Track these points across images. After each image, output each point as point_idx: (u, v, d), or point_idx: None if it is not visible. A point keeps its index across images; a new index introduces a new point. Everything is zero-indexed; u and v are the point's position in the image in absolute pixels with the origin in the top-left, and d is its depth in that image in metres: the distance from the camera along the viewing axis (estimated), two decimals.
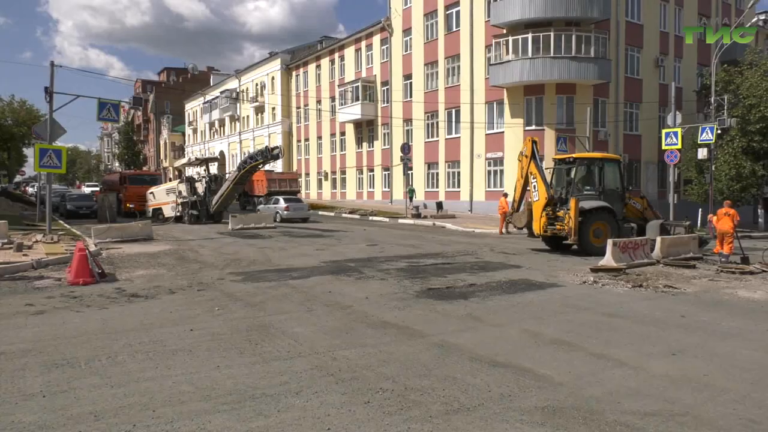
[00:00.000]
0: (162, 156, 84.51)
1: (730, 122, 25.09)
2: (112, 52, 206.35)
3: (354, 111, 42.13)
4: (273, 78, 54.83)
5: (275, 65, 54.32)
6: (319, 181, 50.65)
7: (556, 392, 5.26)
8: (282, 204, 28.65)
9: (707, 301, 10.06)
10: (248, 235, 20.92)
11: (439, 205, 32.50)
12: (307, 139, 52.19)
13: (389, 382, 5.47)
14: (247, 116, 59.89)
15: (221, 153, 62.33)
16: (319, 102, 48.71)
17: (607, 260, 13.55)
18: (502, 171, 31.13)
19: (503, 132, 30.96)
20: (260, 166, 27.10)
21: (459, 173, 34.48)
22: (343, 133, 46.46)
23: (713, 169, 25.26)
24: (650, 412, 4.82)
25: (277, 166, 42.47)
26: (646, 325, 8.09)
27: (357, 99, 41.96)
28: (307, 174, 51.95)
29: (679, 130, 22.57)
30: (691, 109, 31.42)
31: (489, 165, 32.26)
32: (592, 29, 28.46)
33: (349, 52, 45.21)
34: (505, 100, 30.70)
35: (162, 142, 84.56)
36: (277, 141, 51.31)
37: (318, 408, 4.82)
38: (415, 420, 4.59)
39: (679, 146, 22.80)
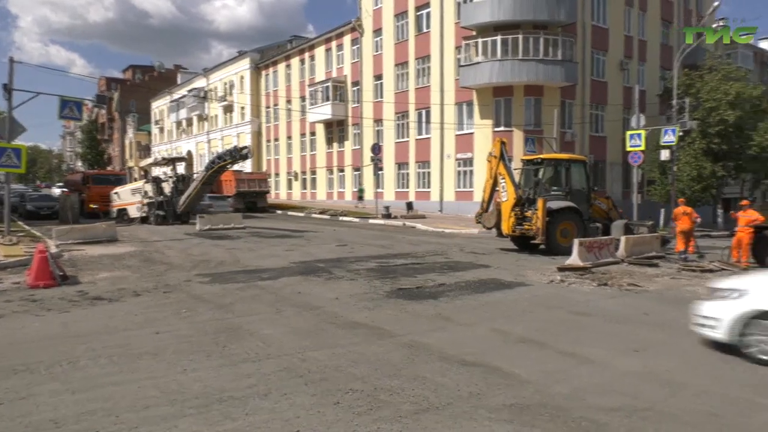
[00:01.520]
0: (127, 155, 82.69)
1: (691, 125, 25.82)
2: (74, 48, 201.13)
3: (324, 111, 41.95)
4: (242, 77, 54.19)
5: (244, 64, 53.70)
6: (289, 182, 50.27)
7: (524, 390, 5.33)
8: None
9: (669, 298, 10.33)
10: (216, 236, 20.62)
11: (410, 206, 32.60)
12: (276, 139, 51.74)
13: (359, 382, 5.46)
14: (216, 116, 59.04)
15: (189, 153, 61.29)
16: (289, 102, 48.35)
17: (574, 260, 13.79)
18: (471, 171, 31.40)
19: (473, 133, 31.24)
20: (229, 166, 26.73)
21: (429, 173, 34.65)
22: (313, 133, 46.22)
23: (675, 170, 25.96)
24: (615, 408, 4.92)
25: (246, 166, 41.96)
26: (611, 323, 8.27)
27: (327, 99, 41.78)
28: (277, 174, 51.50)
29: (642, 132, 23.13)
30: (654, 112, 32.22)
31: (459, 165, 32.51)
32: (559, 32, 28.94)
33: (320, 52, 45.01)
34: (475, 101, 30.98)
35: (127, 142, 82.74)
36: (246, 141, 50.70)
37: (287, 410, 4.78)
38: (385, 420, 4.59)
39: (643, 148, 23.37)
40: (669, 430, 4.51)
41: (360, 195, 39.22)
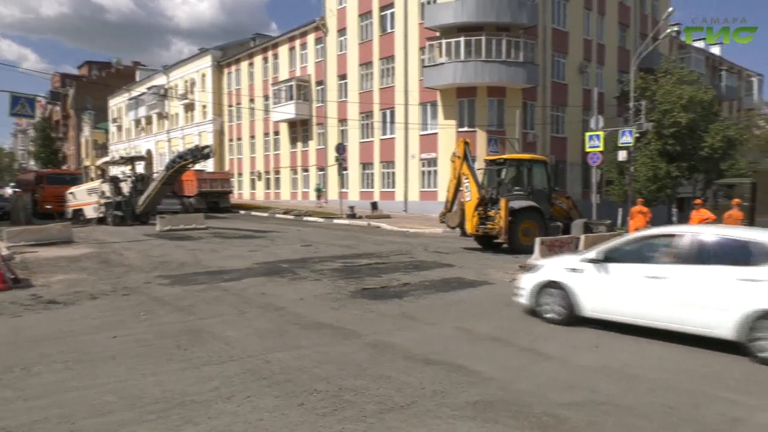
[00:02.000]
0: (83, 154, 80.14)
1: (646, 126, 26.61)
2: (25, 43, 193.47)
3: (288, 110, 41.57)
4: (203, 75, 53.23)
5: (206, 62, 52.76)
6: (253, 181, 49.65)
7: (487, 387, 5.40)
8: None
9: None
10: (177, 237, 20.20)
11: (374, 205, 32.63)
12: (239, 139, 51.03)
13: (324, 383, 5.44)
14: (176, 114, 57.82)
15: (148, 152, 59.83)
16: (252, 100, 47.72)
17: (536, 258, 14.03)
18: (436, 171, 31.62)
19: (437, 133, 31.47)
20: (190, 166, 26.22)
21: (394, 173, 34.75)
22: (277, 133, 45.77)
23: (632, 170, 26.70)
24: (575, 403, 5.04)
25: (209, 165, 41.27)
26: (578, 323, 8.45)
27: (291, 98, 41.42)
28: (240, 174, 50.79)
29: (601, 134, 23.73)
30: (612, 114, 33.07)
31: (423, 165, 32.70)
32: (521, 35, 29.43)
33: (283, 51, 44.59)
34: (439, 102, 31.22)
35: (83, 140, 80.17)
36: (208, 140, 49.82)
37: (250, 413, 4.72)
38: (350, 420, 4.59)
39: (602, 148, 23.98)
40: (626, 423, 4.64)
41: (318, 194, 39.48)
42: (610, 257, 7.77)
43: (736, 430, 4.55)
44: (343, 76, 38.50)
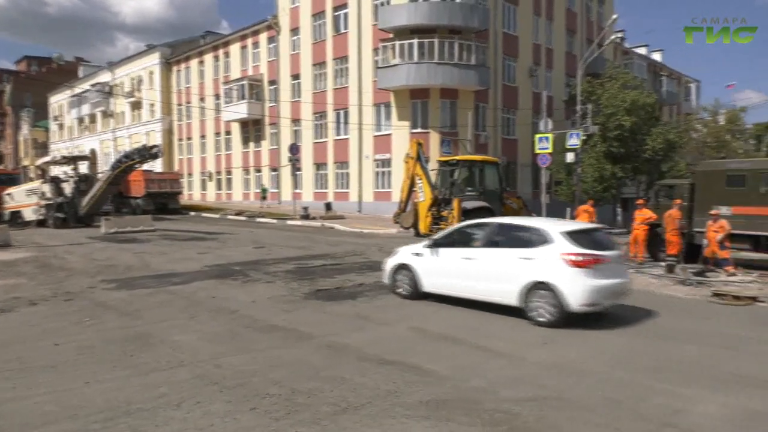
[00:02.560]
0: (21, 153, 76.44)
1: (593, 129, 27.49)
2: None
3: (240, 110, 40.86)
4: (151, 72, 51.67)
5: (154, 59, 51.24)
6: (203, 182, 48.55)
7: (441, 386, 5.45)
8: None
9: None
10: (124, 240, 19.53)
11: (328, 206, 32.45)
12: (189, 138, 49.81)
13: (277, 386, 5.36)
14: (123, 112, 55.91)
15: (92, 151, 57.62)
16: (202, 99, 46.63)
17: None
18: (389, 172, 31.73)
19: (391, 134, 31.58)
20: (137, 166, 25.43)
21: (348, 174, 34.66)
22: (228, 133, 44.91)
23: (579, 171, 27.53)
24: (525, 398, 5.14)
25: (157, 165, 40.10)
26: (521, 317, 8.63)
27: (243, 98, 40.73)
28: (190, 174, 49.57)
29: (550, 136, 24.36)
30: (561, 117, 33.98)
31: (377, 166, 32.75)
32: (473, 38, 29.88)
33: (235, 49, 43.80)
34: (392, 103, 31.34)
35: (21, 139, 76.48)
36: (157, 139, 48.35)
37: (200, 419, 4.60)
38: (304, 423, 4.54)
39: (551, 150, 24.61)
40: (574, 416, 4.77)
41: (263, 195, 39.14)
42: (439, 243, 9.46)
43: (677, 420, 4.75)
44: (296, 76, 38.15)
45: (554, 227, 8.48)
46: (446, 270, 9.16)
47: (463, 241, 9.34)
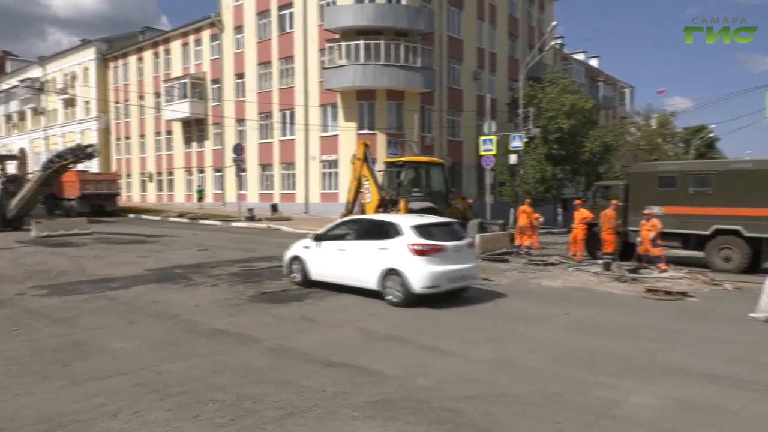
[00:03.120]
0: None
1: (534, 132, 28.32)
2: None
3: (182, 109, 39.73)
4: (86, 68, 49.51)
5: (89, 54, 49.11)
6: (143, 183, 46.91)
7: (388, 386, 5.47)
8: None
9: (518, 290, 11.23)
10: (56, 243, 18.60)
11: (274, 207, 32.01)
12: (128, 138, 48.02)
13: (221, 392, 5.24)
14: (55, 110, 53.30)
15: (21, 150, 54.66)
16: (141, 97, 45.03)
17: None
18: (336, 173, 31.61)
19: (337, 135, 31.48)
20: (71, 166, 24.29)
21: (294, 175, 34.30)
22: (169, 132, 43.59)
23: (522, 172, 28.29)
24: (472, 396, 5.23)
25: (93, 166, 38.47)
26: (466, 316, 8.80)
27: (185, 96, 39.61)
28: (129, 175, 47.81)
29: (494, 138, 24.93)
30: (504, 119, 34.83)
31: (324, 167, 32.58)
32: (418, 41, 30.18)
33: (176, 46, 42.56)
34: (339, 104, 31.25)
35: None
36: (92, 138, 46.32)
37: (139, 429, 4.44)
38: (248, 428, 4.46)
39: (495, 152, 25.18)
40: (517, 411, 4.89)
41: (199, 196, 38.38)
42: (322, 238, 10.70)
43: (613, 412, 4.94)
44: (240, 75, 37.45)
45: (406, 222, 9.70)
46: (326, 261, 10.41)
47: (339, 235, 10.60)
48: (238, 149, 30.53)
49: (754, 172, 14.23)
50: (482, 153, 25.26)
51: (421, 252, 9.03)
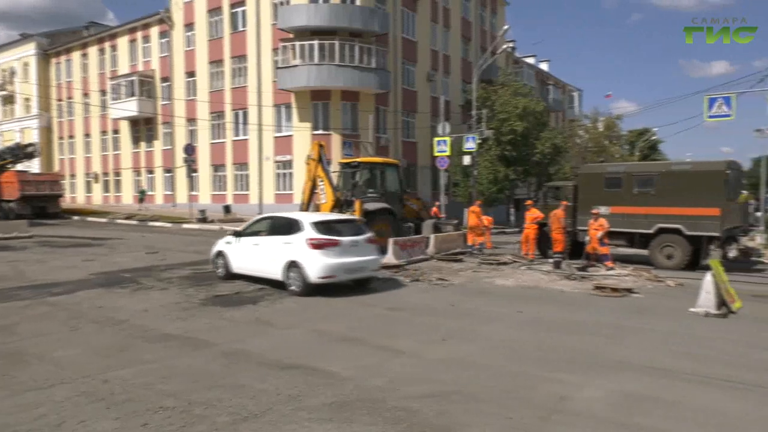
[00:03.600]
0: None
1: (487, 133, 28.84)
2: None
3: (129, 107, 38.52)
4: (26, 64, 47.36)
5: (29, 49, 46.99)
6: (88, 184, 45.21)
7: (343, 387, 5.44)
8: None
9: (472, 290, 11.39)
10: None
11: (227, 209, 31.44)
12: (72, 137, 46.19)
13: (171, 398, 5.09)
14: None
15: None
16: (86, 95, 43.39)
17: (389, 258, 14.51)
18: (291, 174, 31.31)
19: (292, 135, 31.18)
20: (10, 166, 23.18)
21: (247, 176, 33.77)
22: (116, 131, 42.17)
23: (475, 173, 28.76)
24: (426, 395, 5.26)
25: (34, 166, 36.83)
26: (422, 316, 8.86)
27: (133, 94, 38.41)
28: (73, 176, 46.00)
29: (448, 139, 25.24)
30: (458, 121, 35.31)
31: (278, 168, 32.20)
32: (373, 42, 30.23)
33: (123, 43, 41.22)
34: (293, 104, 30.96)
35: None
36: (33, 137, 44.32)
37: None
38: None
39: (449, 153, 25.51)
40: (471, 408, 4.95)
41: (141, 197, 37.48)
42: (240, 234, 11.67)
43: (564, 406, 5.07)
44: (191, 74, 36.61)
45: (308, 219, 10.67)
46: (244, 255, 11.37)
47: (255, 232, 11.48)
48: (189, 149, 29.84)
49: (693, 174, 14.92)
50: (436, 154, 25.54)
51: (317, 246, 9.99)
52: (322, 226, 10.35)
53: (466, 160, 27.43)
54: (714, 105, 18.11)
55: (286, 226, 10.77)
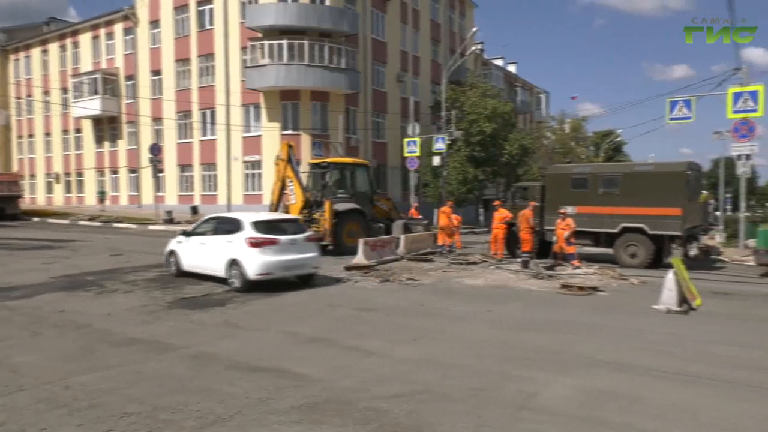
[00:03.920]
0: None
1: (457, 134, 29.09)
2: None
3: (92, 106, 37.57)
4: None
5: None
6: (49, 184, 43.92)
7: (313, 389, 5.40)
8: None
9: (441, 290, 11.46)
10: None
11: (194, 210, 30.94)
12: (31, 136, 44.80)
13: (136, 404, 4.97)
14: None
15: None
16: (47, 93, 42.15)
17: (359, 258, 14.49)
18: (260, 174, 31.00)
19: (261, 135, 30.87)
20: None
21: (215, 176, 33.29)
22: (79, 130, 41.08)
23: (445, 174, 28.97)
24: (396, 395, 5.27)
25: None
26: (392, 316, 8.87)
27: (96, 93, 37.46)
28: (33, 176, 44.63)
29: (418, 140, 25.39)
30: (428, 122, 35.52)
31: (247, 168, 31.84)
32: (342, 42, 30.16)
33: (85, 39, 40.18)
34: (262, 104, 30.66)
35: None
36: None
37: None
38: None
39: (418, 154, 25.68)
40: (441, 408, 4.97)
41: (101, 198, 36.77)
42: (189, 233, 12.23)
43: (532, 403, 5.14)
44: (157, 72, 35.92)
45: (248, 218, 11.12)
46: (192, 253, 11.92)
47: (202, 231, 12.02)
48: (155, 149, 29.28)
49: (656, 174, 15.32)
50: (406, 155, 25.66)
51: (255, 244, 10.51)
52: (261, 226, 10.87)
53: (436, 160, 27.61)
54: (675, 108, 18.67)
55: (229, 226, 11.31)
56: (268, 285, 10.65)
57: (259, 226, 10.85)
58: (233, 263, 10.70)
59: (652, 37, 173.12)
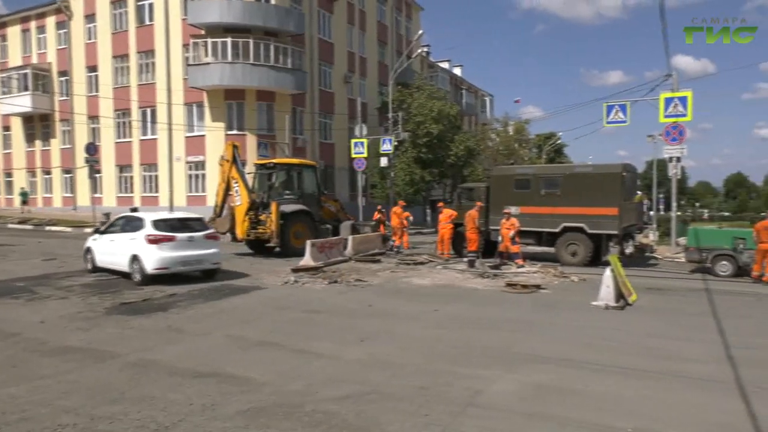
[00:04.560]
0: None
1: (404, 136, 29.31)
2: None
3: (22, 102, 35.56)
4: None
5: None
6: None
7: (260, 393, 5.31)
8: None
9: (390, 290, 11.51)
10: None
11: (134, 211, 29.76)
12: None
13: (72, 415, 4.74)
14: None
15: None
16: None
17: (307, 260, 14.36)
18: (204, 175, 30.21)
19: (204, 135, 30.07)
20: None
21: (157, 177, 32.19)
22: (7, 128, 38.86)
23: (392, 175, 29.13)
24: (344, 396, 5.24)
25: None
26: (340, 317, 8.83)
27: (26, 89, 35.53)
28: None
29: (365, 141, 25.42)
30: (375, 123, 35.59)
31: (190, 169, 30.94)
32: (289, 42, 29.79)
33: (14, 33, 38.07)
34: (206, 103, 29.88)
35: None
36: None
37: None
38: None
39: (366, 155, 25.69)
40: (389, 407, 4.99)
41: (23, 199, 35.11)
42: (101, 231, 13.24)
43: (478, 400, 5.22)
44: (93, 68, 34.43)
45: (150, 217, 11.94)
46: (104, 250, 12.66)
47: (113, 229, 12.79)
48: (91, 149, 27.98)
49: (594, 176, 15.92)
50: (354, 156, 25.62)
51: (153, 241, 11.31)
52: (161, 224, 11.69)
53: (383, 161, 27.72)
54: (611, 112, 19.46)
55: (133, 224, 12.12)
56: (170, 279, 11.55)
57: (159, 224, 11.65)
58: (134, 259, 11.47)
59: (588, 42, 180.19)
